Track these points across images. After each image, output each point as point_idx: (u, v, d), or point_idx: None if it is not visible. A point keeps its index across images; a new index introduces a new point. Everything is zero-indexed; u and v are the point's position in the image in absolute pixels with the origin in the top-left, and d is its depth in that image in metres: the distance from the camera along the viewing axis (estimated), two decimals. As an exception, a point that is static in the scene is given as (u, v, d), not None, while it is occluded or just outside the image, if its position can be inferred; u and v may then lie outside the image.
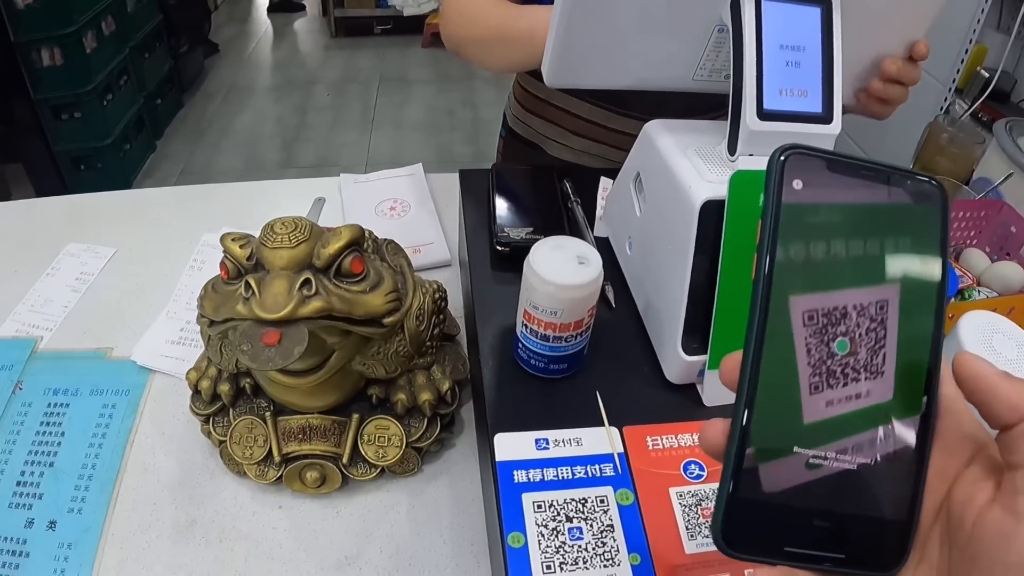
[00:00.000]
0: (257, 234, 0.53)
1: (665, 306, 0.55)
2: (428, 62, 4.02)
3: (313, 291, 0.49)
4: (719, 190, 0.51)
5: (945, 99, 1.04)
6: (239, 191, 0.99)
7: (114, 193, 0.97)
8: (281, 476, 0.59)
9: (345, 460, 0.58)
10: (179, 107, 3.34)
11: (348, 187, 0.90)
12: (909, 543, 0.28)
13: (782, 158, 0.28)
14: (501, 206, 0.63)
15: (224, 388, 0.59)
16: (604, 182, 0.66)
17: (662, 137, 0.56)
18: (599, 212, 0.65)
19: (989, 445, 0.28)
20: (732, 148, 0.53)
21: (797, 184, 0.28)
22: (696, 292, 0.53)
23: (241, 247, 0.51)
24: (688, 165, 0.53)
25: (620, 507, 0.49)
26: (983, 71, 1.07)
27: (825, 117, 0.52)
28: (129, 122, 2.74)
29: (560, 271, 0.49)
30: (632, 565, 0.46)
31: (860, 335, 0.28)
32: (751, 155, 0.52)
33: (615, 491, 0.49)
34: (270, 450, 0.58)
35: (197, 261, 0.83)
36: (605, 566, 0.46)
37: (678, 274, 0.53)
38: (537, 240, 0.54)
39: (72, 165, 2.53)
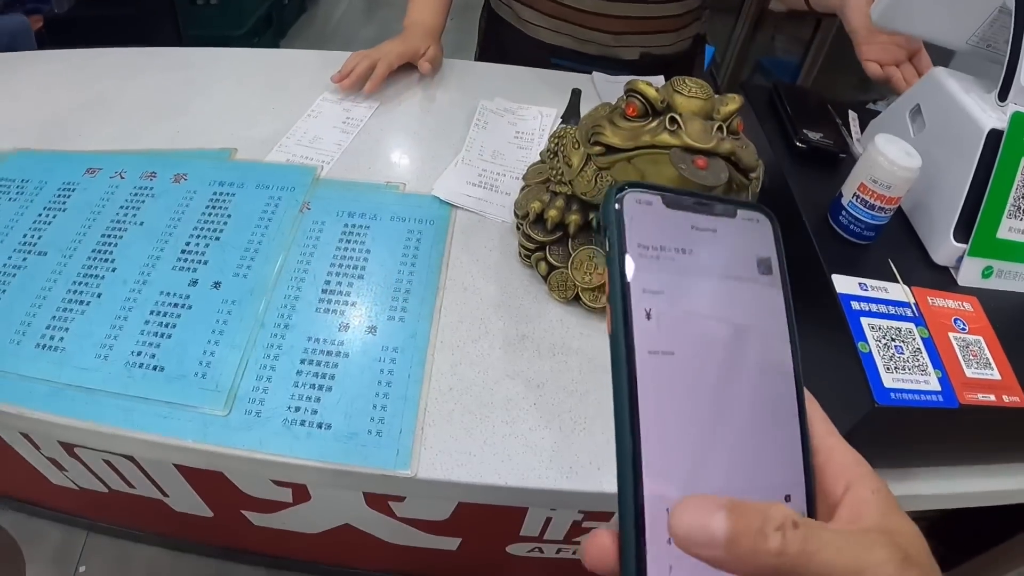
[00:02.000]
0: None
1: (939, 207, 0.71)
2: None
3: (724, 135, 0.61)
4: (1000, 123, 0.68)
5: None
6: (492, 71, 1.09)
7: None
8: (613, 301, 0.69)
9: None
10: (303, 11, 3.29)
11: (602, 84, 1.01)
12: None
13: (620, 194, 0.27)
14: (797, 115, 0.78)
15: (574, 218, 0.69)
16: (852, 114, 0.82)
17: (948, 81, 0.73)
18: (855, 135, 0.81)
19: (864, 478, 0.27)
20: (1003, 96, 0.70)
21: (638, 223, 0.26)
22: (969, 198, 0.69)
23: (656, 91, 0.62)
24: (974, 104, 0.70)
25: (921, 339, 0.64)
26: None
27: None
28: (260, 17, 2.73)
29: (899, 156, 0.65)
30: (937, 377, 0.62)
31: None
32: (1015, 104, 0.70)
33: (916, 327, 0.65)
34: (608, 277, 0.68)
35: (480, 121, 0.91)
36: (921, 374, 0.61)
37: (958, 183, 0.69)
38: (828, 143, 0.70)
39: (199, 54, 2.50)
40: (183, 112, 0.89)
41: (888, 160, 0.65)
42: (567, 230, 0.70)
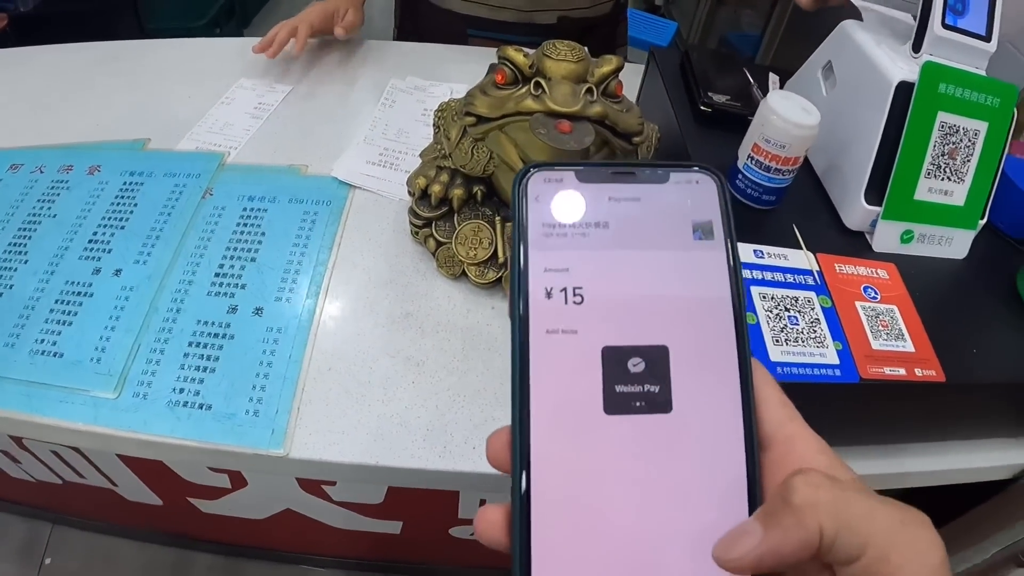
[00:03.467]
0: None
1: (850, 167, 0.66)
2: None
3: (594, 98, 0.58)
4: (911, 75, 0.63)
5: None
6: (411, 50, 1.08)
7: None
8: (500, 278, 0.66)
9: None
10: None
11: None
12: None
13: (524, 177, 0.25)
14: (702, 78, 0.74)
15: (457, 192, 0.67)
16: (772, 76, 0.78)
17: (858, 33, 0.68)
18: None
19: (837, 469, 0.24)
20: (917, 47, 0.64)
21: (544, 202, 0.25)
22: (880, 156, 0.65)
23: (524, 56, 0.60)
24: (884, 56, 0.65)
25: (823, 308, 0.59)
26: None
27: (986, 37, 0.65)
28: (221, 6, 2.69)
29: (793, 113, 0.60)
30: (836, 350, 0.57)
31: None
32: (930, 55, 0.64)
33: (817, 296, 0.60)
34: (495, 252, 0.66)
35: (388, 100, 0.90)
36: (817, 346, 0.57)
37: (868, 140, 0.64)
38: (735, 105, 0.65)
39: (162, 47, 2.52)
40: (106, 105, 0.90)
41: (781, 118, 0.60)
42: (451, 204, 0.67)
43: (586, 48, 0.62)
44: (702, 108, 0.71)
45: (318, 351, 0.65)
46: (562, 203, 0.25)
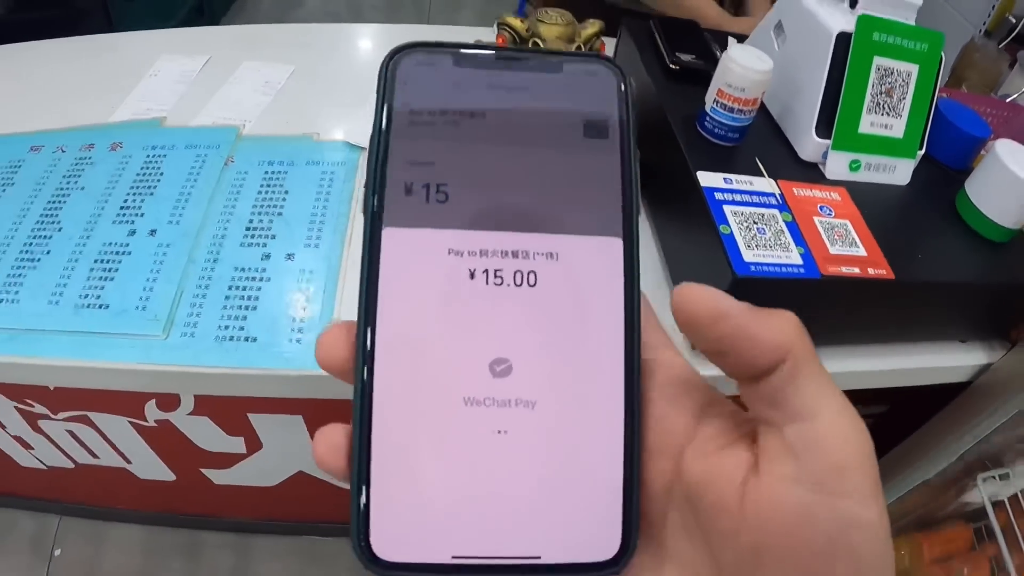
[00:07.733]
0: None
1: (802, 107, 0.77)
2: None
3: (583, 50, 0.68)
4: (848, 27, 0.74)
5: (972, 38, 1.16)
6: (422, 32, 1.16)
7: (282, 25, 1.11)
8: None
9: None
10: (234, -3, 3.21)
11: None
12: (631, 535, 0.21)
13: (393, 58, 0.23)
14: (672, 42, 0.84)
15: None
16: (731, 40, 0.89)
17: (803, -4, 0.80)
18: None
19: (717, 400, 0.22)
20: (853, 3, 0.75)
21: (413, 86, 0.23)
22: (827, 95, 0.75)
23: (521, 22, 0.69)
24: (825, 12, 0.77)
25: (785, 222, 0.69)
26: (1011, 17, 1.22)
27: (912, -10, 0.77)
28: (191, 7, 2.70)
29: (750, 61, 0.71)
30: (800, 253, 0.67)
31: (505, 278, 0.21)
32: (865, 10, 0.75)
33: (780, 213, 0.70)
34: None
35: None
36: (783, 251, 0.66)
37: (815, 83, 0.75)
38: (700, 63, 0.76)
39: (133, 50, 2.48)
40: (115, 90, 0.96)
41: (739, 65, 0.71)
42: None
43: (570, 13, 0.72)
44: (671, 66, 0.81)
45: (350, 288, 0.72)
46: (433, 88, 0.23)
